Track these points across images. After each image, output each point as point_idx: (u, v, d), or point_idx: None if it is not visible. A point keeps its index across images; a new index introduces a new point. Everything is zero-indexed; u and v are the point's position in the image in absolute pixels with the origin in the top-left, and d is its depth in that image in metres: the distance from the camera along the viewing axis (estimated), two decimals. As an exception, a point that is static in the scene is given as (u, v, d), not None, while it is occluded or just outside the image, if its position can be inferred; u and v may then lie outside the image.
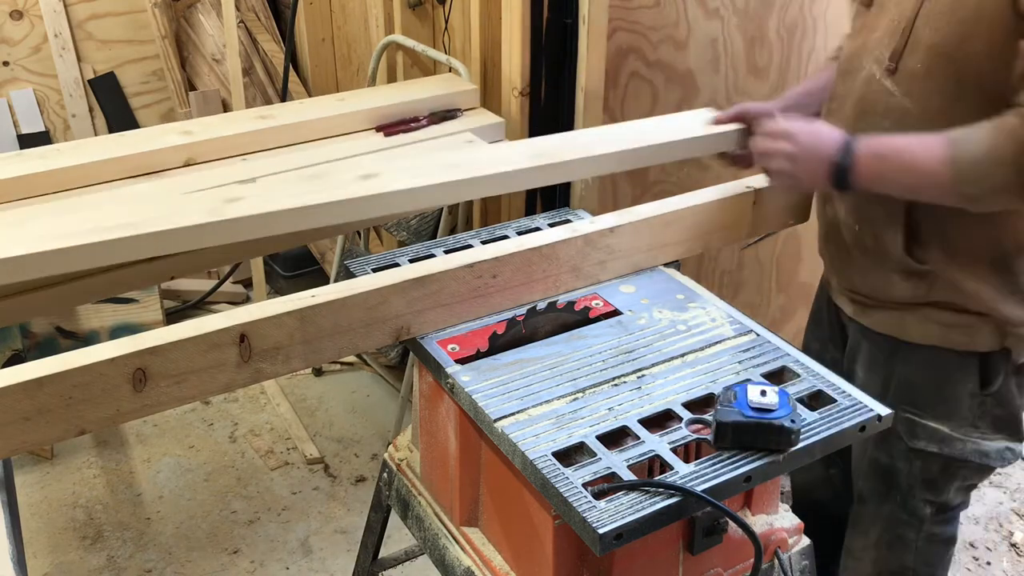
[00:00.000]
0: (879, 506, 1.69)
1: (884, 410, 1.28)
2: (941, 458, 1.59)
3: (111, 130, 3.46)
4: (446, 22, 2.45)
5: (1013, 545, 2.58)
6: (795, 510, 1.48)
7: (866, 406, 1.28)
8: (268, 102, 3.34)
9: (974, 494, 1.88)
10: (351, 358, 3.20)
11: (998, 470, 1.81)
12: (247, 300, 3.47)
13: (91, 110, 3.50)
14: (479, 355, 1.40)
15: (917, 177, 1.36)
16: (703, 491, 1.13)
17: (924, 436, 1.58)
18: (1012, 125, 1.30)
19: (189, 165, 2.11)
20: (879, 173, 1.39)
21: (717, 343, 1.44)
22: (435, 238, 2.49)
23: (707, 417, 1.24)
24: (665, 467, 1.19)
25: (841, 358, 1.75)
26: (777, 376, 1.37)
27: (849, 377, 1.58)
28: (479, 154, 1.69)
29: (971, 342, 1.52)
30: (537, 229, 1.68)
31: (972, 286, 1.49)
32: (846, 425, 1.25)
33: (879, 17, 1.50)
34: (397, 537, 2.20)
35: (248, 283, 3.47)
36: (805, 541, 1.47)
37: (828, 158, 1.41)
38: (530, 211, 2.30)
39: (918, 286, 1.53)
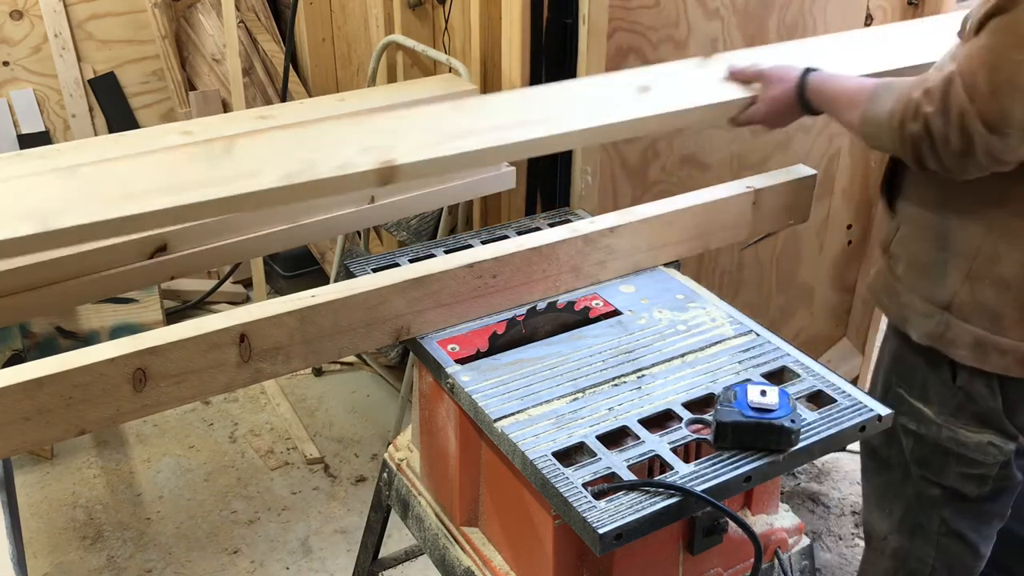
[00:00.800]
0: (902, 475, 1.69)
1: (884, 410, 1.28)
2: (922, 439, 1.60)
3: (111, 130, 3.46)
4: (446, 22, 2.45)
5: None
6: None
7: (866, 406, 1.29)
8: (268, 102, 3.34)
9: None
10: (351, 358, 3.20)
11: None
12: (247, 300, 3.47)
13: (91, 110, 3.50)
14: (479, 355, 1.40)
15: (838, 115, 1.55)
16: (703, 491, 1.13)
17: (907, 413, 1.61)
18: (915, 98, 1.35)
19: (189, 165, 2.11)
20: (819, 103, 1.59)
21: (717, 343, 1.44)
22: (435, 238, 2.49)
23: (707, 417, 1.24)
24: (665, 467, 1.19)
25: None
26: (777, 376, 1.37)
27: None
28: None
29: (903, 321, 1.57)
30: (537, 229, 1.68)
31: (921, 248, 1.54)
32: (846, 425, 1.25)
33: None
34: (397, 537, 2.20)
35: (248, 283, 3.47)
36: (805, 541, 1.47)
37: (793, 82, 1.62)
38: (530, 211, 2.30)
39: (888, 232, 1.60)
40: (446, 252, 1.58)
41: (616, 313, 1.52)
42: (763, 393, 1.21)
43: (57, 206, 1.29)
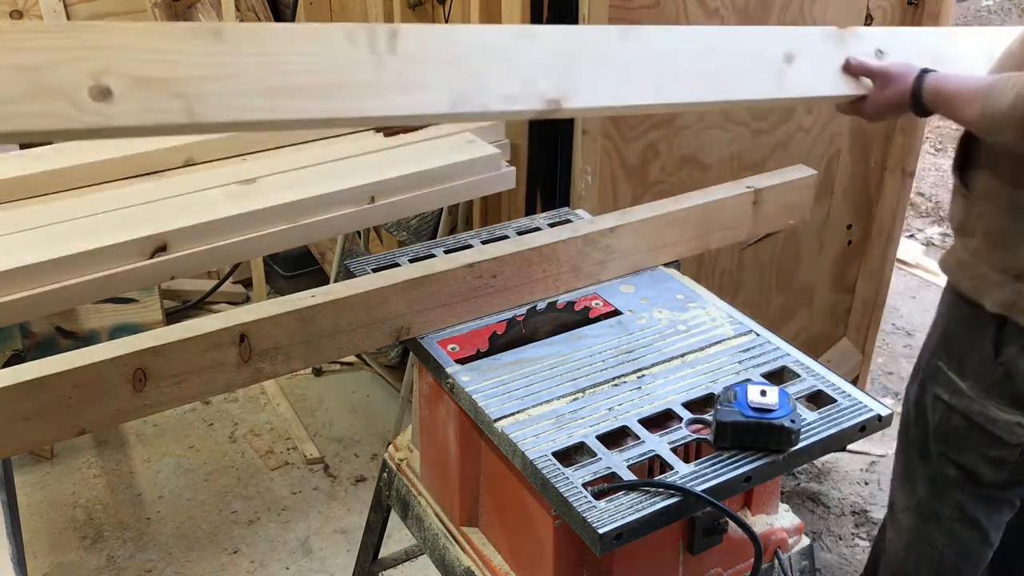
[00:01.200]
0: (921, 454, 1.74)
1: (884, 410, 1.28)
2: (952, 411, 1.65)
3: (111, 130, 3.46)
4: (446, 22, 2.45)
5: None
6: None
7: (866, 406, 1.29)
8: (268, 102, 3.33)
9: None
10: (351, 358, 3.20)
11: None
12: (247, 300, 3.47)
13: (91, 110, 3.49)
14: (479, 355, 1.40)
15: (955, 112, 1.55)
16: (703, 491, 1.13)
17: (941, 383, 1.66)
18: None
19: (189, 165, 2.11)
20: (935, 103, 1.59)
21: (717, 343, 1.44)
22: (435, 238, 2.49)
23: (707, 417, 1.24)
24: (665, 467, 1.19)
25: None
26: (777, 376, 1.37)
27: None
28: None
29: (976, 291, 1.59)
30: (537, 229, 1.68)
31: (996, 222, 1.56)
32: (846, 425, 1.25)
33: None
34: (397, 537, 2.20)
35: (248, 283, 3.47)
36: (805, 541, 1.47)
37: (909, 84, 1.63)
38: (530, 211, 2.30)
39: (961, 211, 1.63)
40: (446, 252, 1.58)
41: (616, 313, 1.52)
42: (763, 393, 1.21)
43: (200, 90, 1.16)
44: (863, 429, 1.27)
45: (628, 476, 1.15)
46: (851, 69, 1.70)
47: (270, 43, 1.18)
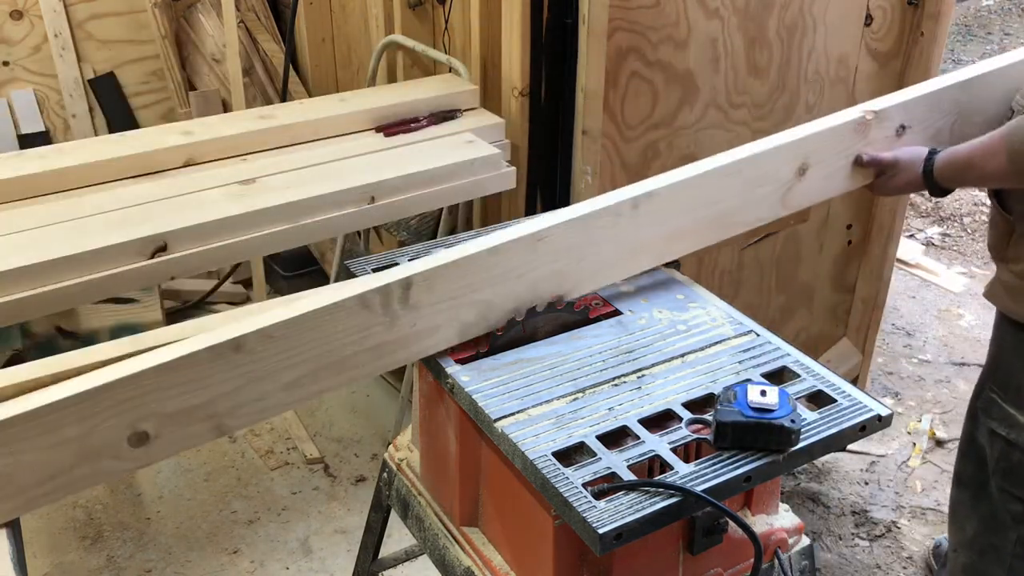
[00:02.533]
0: (974, 493, 1.70)
1: (884, 410, 1.28)
2: (1012, 445, 1.59)
3: (111, 130, 3.46)
4: (446, 22, 2.45)
5: None
6: None
7: (866, 406, 1.28)
8: (268, 102, 3.34)
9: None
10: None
11: None
12: (247, 300, 3.47)
13: (91, 110, 3.49)
14: (479, 355, 1.40)
15: (980, 171, 1.54)
16: (703, 491, 1.13)
17: (998, 417, 1.61)
18: None
19: (189, 165, 2.11)
20: (952, 176, 1.60)
21: (717, 343, 1.44)
22: (435, 238, 2.49)
23: (707, 417, 1.24)
24: (665, 467, 1.19)
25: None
26: (777, 376, 1.37)
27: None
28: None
29: (1015, 308, 1.56)
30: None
31: None
32: (846, 425, 1.25)
33: None
34: (397, 537, 2.20)
35: (248, 283, 3.47)
36: (805, 541, 1.47)
37: (919, 170, 1.65)
38: (530, 211, 2.30)
39: (1003, 236, 1.60)
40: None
41: (616, 313, 1.52)
42: (763, 393, 1.21)
43: (227, 405, 1.26)
44: (863, 429, 1.27)
45: (628, 476, 1.15)
46: (863, 163, 1.70)
47: (289, 339, 1.24)
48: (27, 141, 3.33)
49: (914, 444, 2.95)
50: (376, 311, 1.29)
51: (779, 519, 1.44)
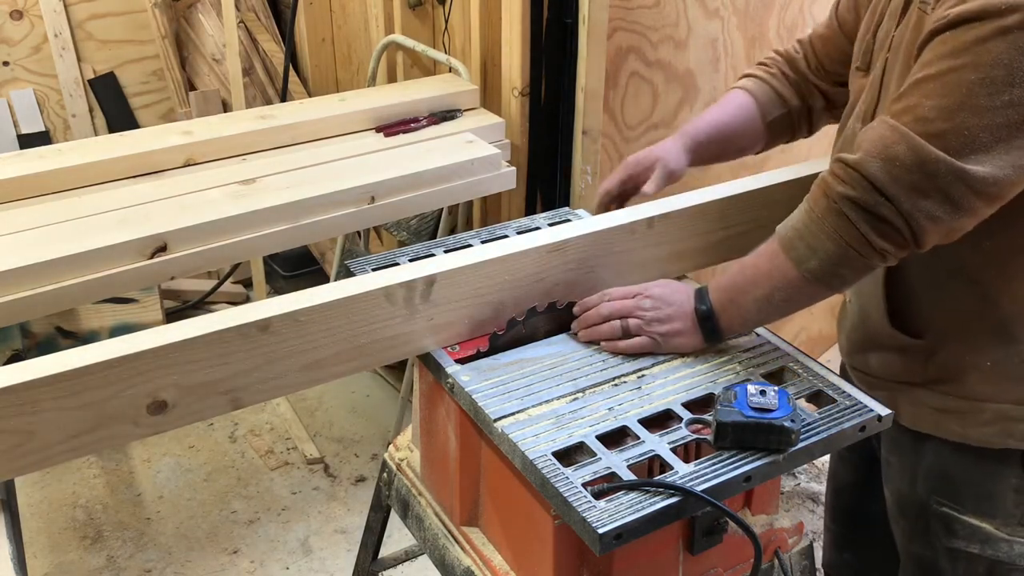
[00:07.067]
0: None
1: (884, 410, 1.28)
2: (985, 560, 1.37)
3: (111, 130, 3.46)
4: (446, 22, 2.45)
5: None
6: None
7: (866, 406, 1.28)
8: (268, 102, 3.34)
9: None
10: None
11: None
12: (247, 300, 3.47)
13: (91, 110, 3.50)
14: (479, 355, 1.40)
15: (767, 283, 1.27)
16: (703, 491, 1.13)
17: (964, 535, 1.37)
18: (812, 191, 1.22)
19: (189, 165, 2.12)
20: (734, 302, 1.32)
21: (717, 343, 1.43)
22: (435, 238, 2.49)
23: (707, 417, 1.24)
24: (665, 467, 1.18)
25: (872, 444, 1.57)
26: (777, 376, 1.37)
27: (886, 465, 1.49)
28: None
29: (963, 432, 1.34)
30: (537, 229, 1.68)
31: (971, 360, 1.31)
32: (846, 425, 1.25)
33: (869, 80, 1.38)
34: (397, 537, 2.20)
35: (248, 283, 3.47)
36: (805, 541, 1.47)
37: (690, 307, 1.35)
38: (530, 211, 2.30)
39: (913, 363, 1.36)
40: (446, 252, 1.57)
41: (616, 313, 1.51)
42: (763, 393, 1.21)
43: (245, 381, 1.29)
44: (863, 429, 1.27)
45: (628, 476, 1.15)
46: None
47: (314, 323, 1.28)
48: (27, 141, 3.33)
49: (914, 444, 2.95)
50: (398, 304, 1.33)
51: (779, 519, 1.44)
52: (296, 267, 3.49)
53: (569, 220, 1.71)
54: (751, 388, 1.22)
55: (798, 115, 1.64)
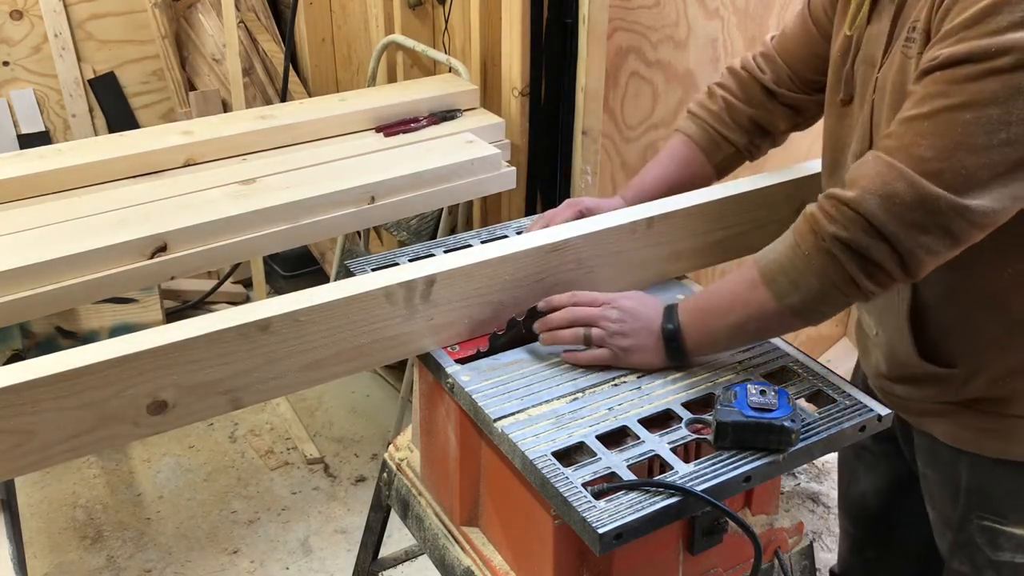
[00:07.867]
0: None
1: (884, 410, 1.28)
2: None
3: (111, 130, 3.46)
4: (446, 22, 2.45)
5: None
6: None
7: (866, 406, 1.28)
8: (268, 102, 3.34)
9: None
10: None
11: None
12: (247, 300, 3.47)
13: (91, 110, 3.50)
14: (479, 355, 1.40)
15: (743, 310, 1.25)
16: (703, 491, 1.13)
17: (1009, 546, 1.37)
18: (800, 225, 1.21)
19: (189, 165, 2.12)
20: (705, 325, 1.29)
21: (717, 343, 1.43)
22: (435, 238, 2.49)
23: (707, 417, 1.24)
24: (665, 467, 1.19)
25: (903, 447, 1.57)
26: (777, 376, 1.37)
27: (923, 479, 1.48)
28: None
29: (1006, 449, 1.33)
30: (537, 229, 1.68)
31: (1011, 384, 1.30)
32: (846, 425, 1.25)
33: (857, 113, 1.36)
34: (397, 537, 2.20)
35: (248, 283, 3.47)
36: (805, 541, 1.47)
37: (657, 324, 1.32)
38: (530, 211, 2.30)
39: (948, 389, 1.35)
40: (446, 252, 1.57)
41: (616, 313, 1.51)
42: (763, 393, 1.21)
43: (245, 381, 1.29)
44: (863, 429, 1.27)
45: (628, 476, 1.15)
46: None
47: (314, 324, 1.28)
48: (27, 141, 3.33)
49: (914, 444, 2.95)
50: (398, 304, 1.33)
51: (779, 519, 1.44)
52: (296, 267, 3.49)
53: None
54: (751, 388, 1.22)
55: (747, 148, 1.64)
